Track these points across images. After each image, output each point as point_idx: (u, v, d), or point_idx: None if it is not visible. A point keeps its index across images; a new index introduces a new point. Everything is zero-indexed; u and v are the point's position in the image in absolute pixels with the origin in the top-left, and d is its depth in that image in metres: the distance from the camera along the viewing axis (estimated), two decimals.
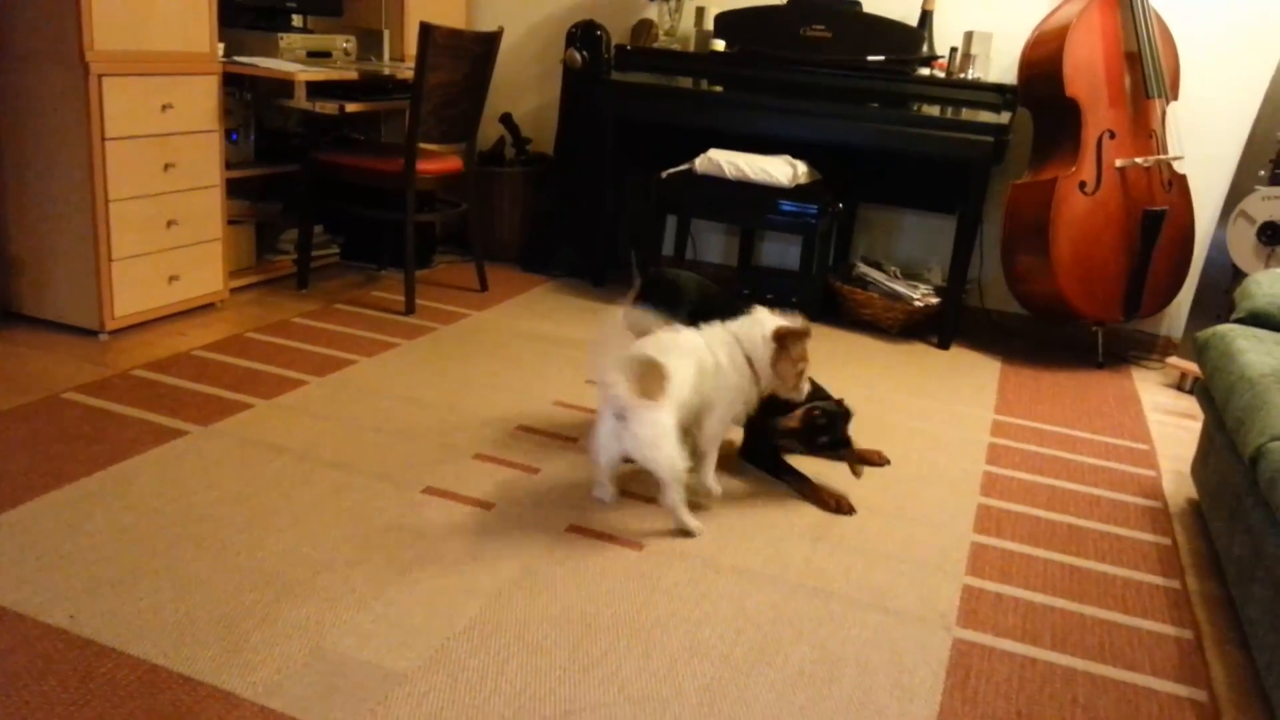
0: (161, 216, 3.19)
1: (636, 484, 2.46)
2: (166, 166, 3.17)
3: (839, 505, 2.42)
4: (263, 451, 2.44)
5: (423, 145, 3.55)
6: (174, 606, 1.81)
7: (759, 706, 1.70)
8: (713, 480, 2.40)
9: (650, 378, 2.14)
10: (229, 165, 3.48)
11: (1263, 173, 3.55)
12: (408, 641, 1.77)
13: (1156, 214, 3.57)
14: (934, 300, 3.86)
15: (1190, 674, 1.91)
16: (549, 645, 1.80)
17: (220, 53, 3.31)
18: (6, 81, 2.97)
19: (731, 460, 2.64)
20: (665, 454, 2.12)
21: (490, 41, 3.70)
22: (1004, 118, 3.60)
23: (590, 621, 1.89)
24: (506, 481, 2.41)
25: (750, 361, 2.33)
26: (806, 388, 2.40)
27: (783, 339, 2.31)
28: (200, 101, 3.24)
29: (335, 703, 1.61)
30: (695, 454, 2.54)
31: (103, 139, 2.94)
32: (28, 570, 1.88)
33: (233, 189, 3.59)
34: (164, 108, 3.11)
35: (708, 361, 2.29)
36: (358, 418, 2.69)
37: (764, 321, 2.34)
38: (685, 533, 2.23)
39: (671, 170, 3.83)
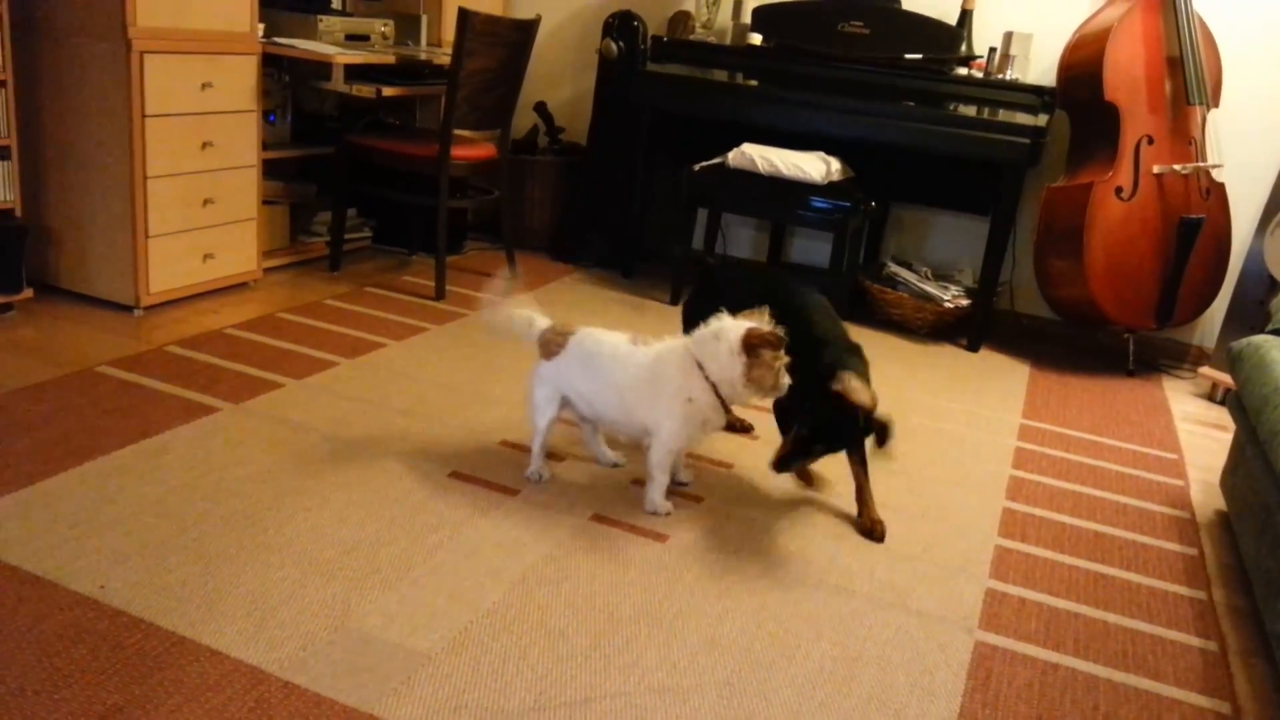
0: (198, 195, 3.22)
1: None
2: (204, 145, 3.19)
3: (873, 530, 2.31)
4: (292, 431, 2.47)
5: (457, 131, 3.57)
6: (202, 580, 1.83)
7: (778, 701, 1.70)
8: (661, 502, 2.28)
9: (552, 340, 2.31)
10: (265, 146, 3.50)
11: None
12: (432, 623, 1.79)
13: (1193, 222, 3.53)
14: (964, 302, 3.83)
15: (1214, 686, 1.90)
16: (571, 632, 1.81)
17: (260, 33, 3.34)
18: (50, 56, 3.00)
19: (747, 455, 2.64)
20: (528, 396, 2.37)
21: (527, 29, 3.70)
22: (1041, 120, 3.57)
23: (612, 611, 1.90)
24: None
25: (715, 386, 2.16)
26: (787, 382, 2.16)
27: (753, 347, 2.10)
28: (239, 81, 3.27)
29: (359, 681, 1.62)
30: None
31: (143, 115, 2.97)
32: (60, 540, 1.90)
33: (268, 170, 3.62)
34: (203, 86, 3.14)
35: (636, 384, 2.22)
36: (386, 400, 2.71)
37: (728, 334, 2.13)
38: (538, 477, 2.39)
39: (704, 164, 3.82)
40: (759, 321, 2.14)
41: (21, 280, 2.99)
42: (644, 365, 2.22)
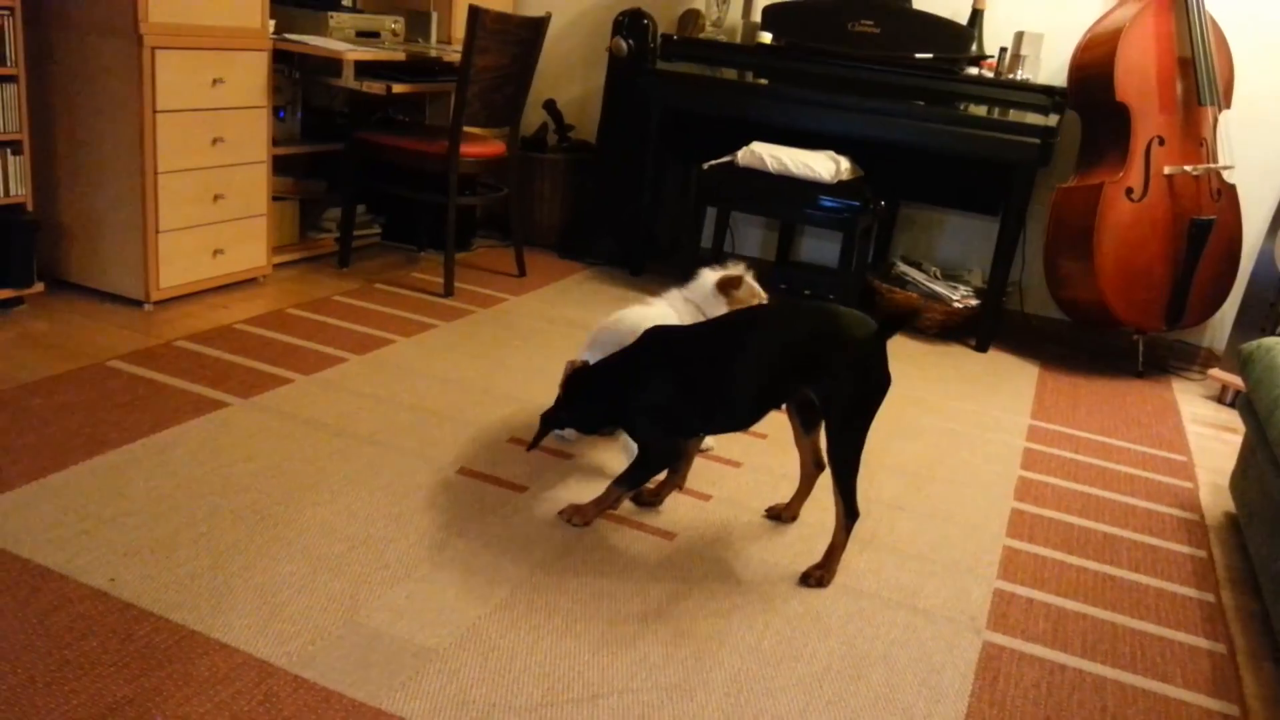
0: (208, 190, 3.23)
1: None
2: (215, 141, 3.20)
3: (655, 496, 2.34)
4: (301, 426, 2.47)
5: (467, 129, 3.57)
6: (212, 574, 1.84)
7: (785, 699, 1.70)
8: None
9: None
10: (275, 142, 3.51)
11: None
12: (440, 618, 1.79)
13: (1203, 224, 3.52)
14: (973, 302, 3.83)
15: (1223, 688, 1.90)
16: (579, 629, 1.82)
17: (271, 29, 3.34)
18: (62, 51, 3.01)
19: (754, 455, 2.64)
20: None
21: (537, 27, 3.70)
22: (1052, 120, 3.57)
23: (620, 608, 1.90)
24: (540, 465, 2.43)
25: None
26: None
27: (724, 287, 2.54)
28: (250, 77, 3.27)
29: (368, 675, 1.63)
30: None
31: (154, 111, 2.98)
32: (70, 533, 1.91)
33: (278, 166, 3.62)
34: (214, 82, 3.15)
35: None
36: (395, 396, 2.71)
37: (707, 279, 2.57)
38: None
39: (713, 162, 3.82)
40: (734, 272, 2.58)
41: (33, 274, 3.00)
42: (674, 312, 2.53)
